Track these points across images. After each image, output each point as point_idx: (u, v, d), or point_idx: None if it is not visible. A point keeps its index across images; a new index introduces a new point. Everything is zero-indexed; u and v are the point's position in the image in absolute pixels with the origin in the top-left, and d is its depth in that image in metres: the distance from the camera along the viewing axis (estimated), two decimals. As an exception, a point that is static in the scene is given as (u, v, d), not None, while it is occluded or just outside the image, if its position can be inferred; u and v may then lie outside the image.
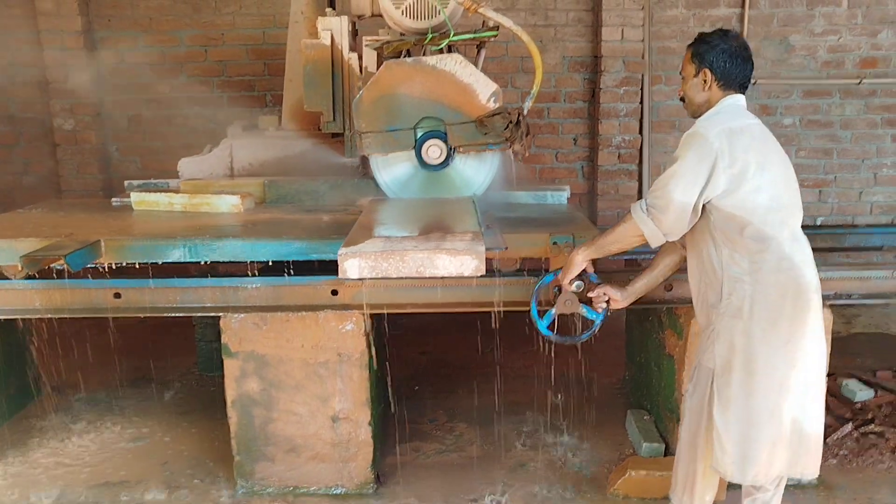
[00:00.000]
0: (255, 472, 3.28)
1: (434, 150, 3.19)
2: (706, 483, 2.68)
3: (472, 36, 3.29)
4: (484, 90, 3.14)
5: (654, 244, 2.58)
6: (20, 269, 2.96)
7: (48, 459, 3.57)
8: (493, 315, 3.30)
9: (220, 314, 3.15)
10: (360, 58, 3.54)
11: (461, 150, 3.21)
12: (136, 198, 3.71)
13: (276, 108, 5.16)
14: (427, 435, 3.81)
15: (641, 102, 5.79)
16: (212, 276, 3.20)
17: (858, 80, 5.88)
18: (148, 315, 3.21)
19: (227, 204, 3.59)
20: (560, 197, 3.89)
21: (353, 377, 3.18)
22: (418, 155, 3.20)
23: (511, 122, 3.13)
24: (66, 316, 3.18)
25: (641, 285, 2.85)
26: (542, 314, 2.92)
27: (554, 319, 2.89)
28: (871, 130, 6.02)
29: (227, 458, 3.34)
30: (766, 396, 2.44)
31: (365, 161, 3.53)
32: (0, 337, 3.75)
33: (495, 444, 3.70)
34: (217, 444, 3.65)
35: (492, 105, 3.15)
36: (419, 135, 3.20)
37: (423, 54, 3.34)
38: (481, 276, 3.08)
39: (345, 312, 3.13)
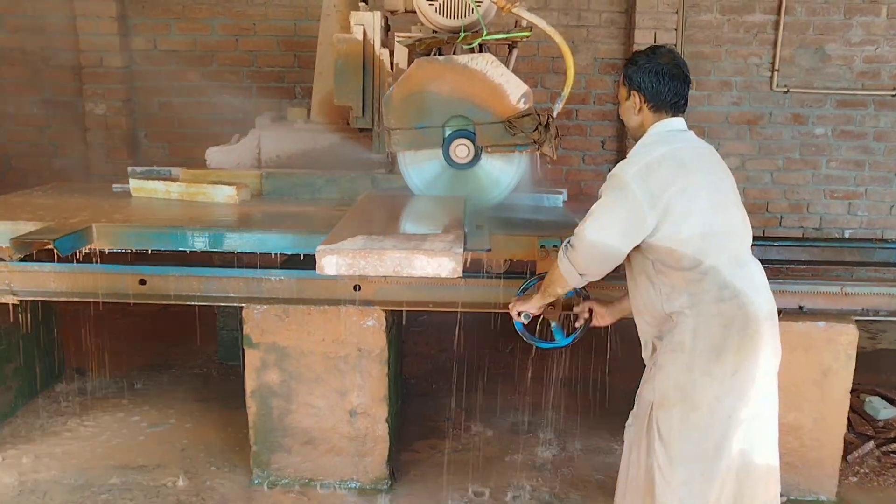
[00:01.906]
0: (272, 462, 3.30)
1: (462, 149, 3.18)
2: None
3: (504, 36, 3.27)
4: (514, 91, 3.12)
5: (571, 283, 2.50)
6: (10, 251, 3.00)
7: (69, 442, 3.61)
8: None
9: (243, 305, 3.17)
10: (392, 54, 3.53)
11: (489, 150, 3.19)
12: (134, 184, 3.76)
13: (306, 100, 5.19)
14: (443, 433, 3.81)
15: (671, 107, 5.74)
16: (236, 267, 3.22)
17: (894, 92, 5.79)
18: (172, 303, 3.23)
19: (223, 194, 3.63)
20: (556, 200, 3.87)
21: (373, 373, 3.19)
22: (446, 153, 3.19)
23: (540, 123, 3.11)
24: (91, 300, 3.22)
25: (628, 304, 2.70)
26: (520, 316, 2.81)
27: (532, 322, 2.80)
28: (905, 143, 5.93)
29: (245, 448, 3.37)
30: (711, 431, 2.33)
31: (393, 157, 3.52)
32: (26, 318, 3.80)
33: (511, 444, 3.69)
34: (235, 433, 3.68)
35: (522, 106, 3.13)
36: (448, 133, 3.19)
37: (455, 53, 3.32)
38: (506, 277, 3.13)
39: (366, 308, 3.14)
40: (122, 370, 4.36)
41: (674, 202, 2.29)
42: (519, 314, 2.74)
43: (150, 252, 3.13)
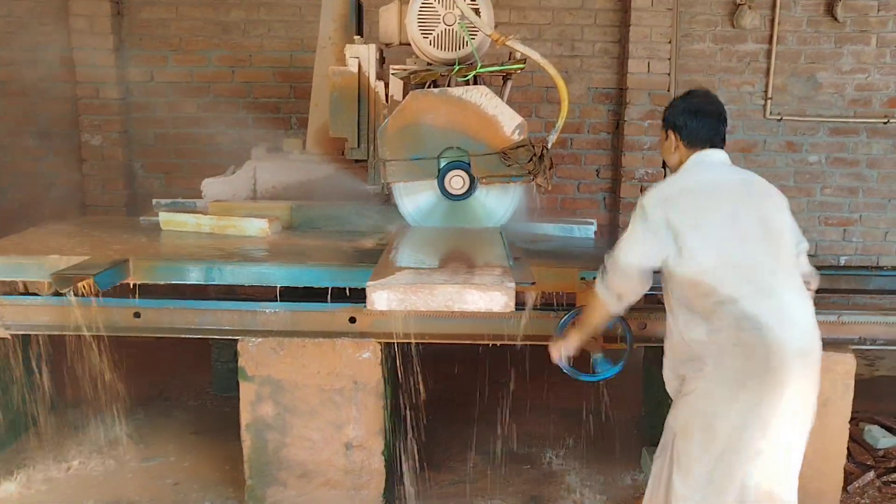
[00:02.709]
0: (267, 496, 3.26)
1: (457, 181, 3.19)
2: None
3: (499, 68, 3.30)
4: (509, 122, 3.14)
5: (612, 308, 2.57)
6: (48, 286, 3.00)
7: (60, 475, 3.57)
8: (510, 346, 3.29)
9: (238, 337, 3.15)
10: (387, 86, 3.56)
11: (484, 181, 3.20)
12: (164, 218, 3.73)
13: (301, 131, 5.20)
14: (440, 465, 3.78)
15: (665, 136, 5.77)
16: (230, 299, 3.21)
17: (886, 120, 5.83)
18: (166, 336, 3.22)
19: (255, 227, 3.61)
20: (587, 231, 3.87)
21: (369, 405, 3.17)
22: (441, 185, 3.20)
23: (535, 154, 3.13)
24: (85, 334, 3.20)
25: None
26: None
27: (572, 356, 2.84)
28: (896, 170, 5.97)
29: (240, 481, 3.33)
30: (731, 462, 2.34)
31: (388, 188, 3.53)
32: (18, 351, 3.77)
33: (510, 476, 3.66)
34: (229, 466, 3.64)
35: (516, 137, 3.15)
36: (442, 164, 3.20)
37: (449, 85, 3.35)
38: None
39: (362, 340, 3.12)
40: (116, 402, 4.31)
41: (689, 234, 2.37)
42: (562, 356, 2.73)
43: (149, 284, 3.12)
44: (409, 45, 3.49)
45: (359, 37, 3.76)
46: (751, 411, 2.31)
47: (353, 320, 3.13)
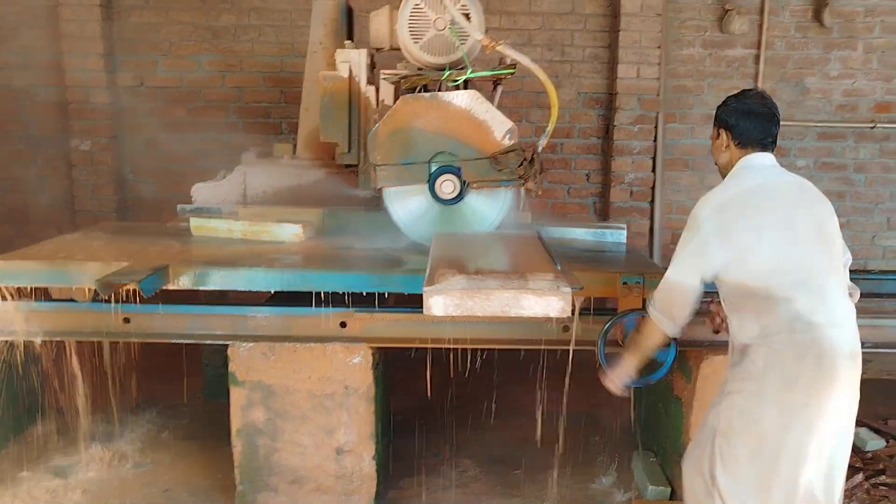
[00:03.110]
0: (258, 502, 3.26)
1: (448, 185, 3.19)
2: None
3: (489, 73, 3.31)
4: (499, 127, 3.15)
5: (669, 331, 2.58)
6: (87, 292, 3.05)
7: (48, 483, 3.55)
8: (497, 352, 3.30)
9: (229, 342, 3.15)
10: (377, 91, 3.57)
11: (475, 185, 3.21)
12: (195, 223, 3.69)
13: (292, 136, 5.20)
14: (431, 470, 3.77)
15: (655, 140, 5.80)
16: (221, 304, 3.20)
17: (873, 125, 5.88)
18: (156, 341, 3.21)
19: (289, 232, 3.58)
20: (619, 235, 3.86)
21: (359, 410, 3.17)
22: (432, 189, 3.20)
23: (525, 159, 3.14)
24: (75, 339, 3.19)
25: None
26: (608, 357, 2.89)
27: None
28: (885, 175, 6.01)
29: (230, 487, 3.32)
30: (778, 462, 2.35)
31: (379, 193, 3.53)
32: (6, 357, 3.75)
33: (500, 481, 3.66)
34: (220, 472, 3.63)
35: (506, 142, 3.15)
36: (433, 169, 3.21)
37: (440, 89, 3.36)
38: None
39: (353, 345, 3.12)
40: (106, 408, 4.30)
41: (743, 239, 2.39)
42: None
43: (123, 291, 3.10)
44: (400, 49, 3.49)
45: (349, 41, 3.76)
46: (798, 413, 2.32)
47: (343, 325, 3.13)
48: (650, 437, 3.82)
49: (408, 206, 3.30)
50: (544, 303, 2.34)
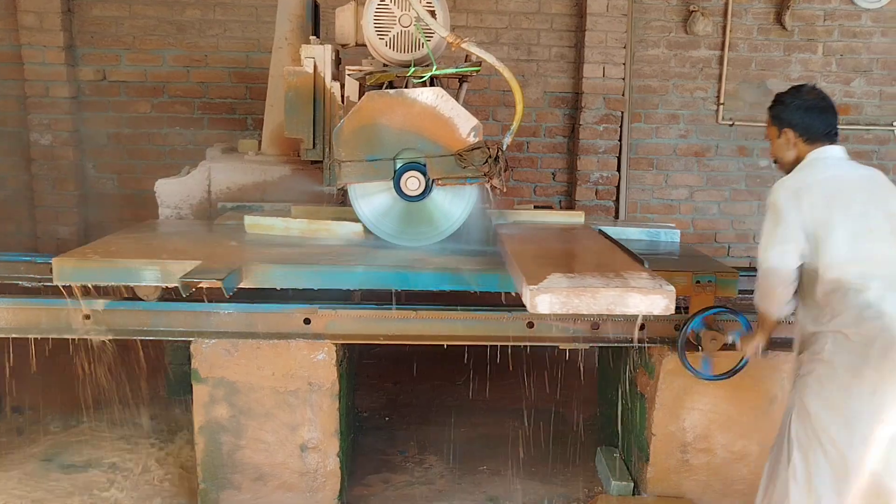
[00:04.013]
0: (221, 500, 3.23)
1: (413, 182, 3.19)
2: None
3: (454, 70, 3.31)
4: (464, 124, 3.16)
5: (774, 315, 2.69)
6: (153, 290, 3.06)
7: (3, 482, 3.48)
8: (464, 348, 3.31)
9: (192, 339, 3.11)
10: (343, 87, 3.55)
11: (440, 182, 3.21)
12: (249, 221, 3.57)
13: (257, 132, 5.16)
14: (397, 466, 3.77)
15: (620, 140, 5.86)
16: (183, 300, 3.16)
17: (832, 126, 5.99)
18: (118, 338, 3.16)
19: (348, 231, 3.48)
20: (673, 235, 3.89)
21: (324, 407, 3.16)
22: (397, 186, 3.20)
23: (490, 156, 3.14)
24: (33, 336, 3.14)
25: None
26: (689, 356, 3.04)
27: (710, 360, 3.04)
28: (844, 175, 6.11)
29: (193, 485, 3.29)
30: (849, 446, 2.42)
31: (344, 190, 3.52)
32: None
33: (465, 477, 3.67)
34: (182, 470, 3.59)
35: (472, 139, 3.16)
36: (398, 166, 3.20)
37: (406, 86, 3.35)
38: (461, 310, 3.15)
39: (317, 342, 3.11)
40: (64, 407, 4.24)
41: (817, 228, 2.48)
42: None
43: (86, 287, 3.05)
44: (366, 46, 3.48)
45: (315, 37, 3.75)
46: (865, 399, 2.39)
47: (307, 321, 3.11)
48: (614, 432, 3.85)
49: (373, 202, 3.29)
50: (649, 301, 2.39)
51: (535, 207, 4.19)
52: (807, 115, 2.62)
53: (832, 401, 2.44)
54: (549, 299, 2.36)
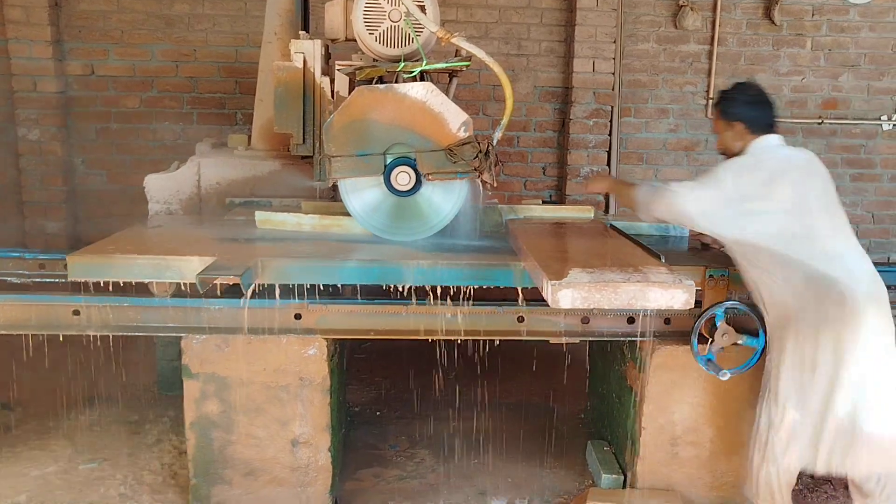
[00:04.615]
0: (212, 495, 3.23)
1: (403, 177, 3.19)
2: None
3: (444, 65, 3.31)
4: (454, 119, 3.16)
5: (640, 211, 3.10)
6: (168, 287, 3.05)
7: (-3, 479, 3.48)
8: (457, 342, 3.32)
9: (182, 335, 3.11)
10: (332, 82, 3.54)
11: (430, 177, 3.21)
12: (260, 217, 3.54)
13: (246, 127, 5.16)
14: (388, 461, 3.78)
15: (610, 134, 5.88)
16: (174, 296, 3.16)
17: (820, 121, 6.03)
18: (108, 334, 3.15)
19: (361, 226, 3.44)
20: (682, 230, 3.89)
21: (315, 402, 3.16)
22: (387, 181, 3.20)
23: (480, 151, 3.14)
24: (23, 333, 3.12)
25: None
26: (701, 350, 3.11)
27: (715, 354, 3.11)
28: (832, 169, 5.99)
29: (184, 481, 3.29)
30: (820, 392, 2.69)
31: (335, 185, 3.52)
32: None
33: (456, 471, 3.68)
34: (174, 466, 3.59)
35: (462, 134, 3.16)
36: (388, 161, 3.20)
37: (396, 81, 3.35)
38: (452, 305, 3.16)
39: (308, 337, 3.11)
40: (55, 403, 4.22)
41: (756, 205, 2.77)
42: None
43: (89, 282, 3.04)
44: (355, 41, 3.47)
45: (304, 32, 3.73)
46: (832, 345, 2.66)
47: (298, 317, 3.11)
48: (604, 426, 3.87)
49: (363, 197, 3.29)
50: (669, 295, 2.43)
51: (544, 203, 4.20)
52: (753, 109, 2.93)
53: (804, 350, 2.71)
54: (570, 294, 2.39)
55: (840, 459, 2.73)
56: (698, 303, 3.14)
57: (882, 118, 6.08)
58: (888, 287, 3.60)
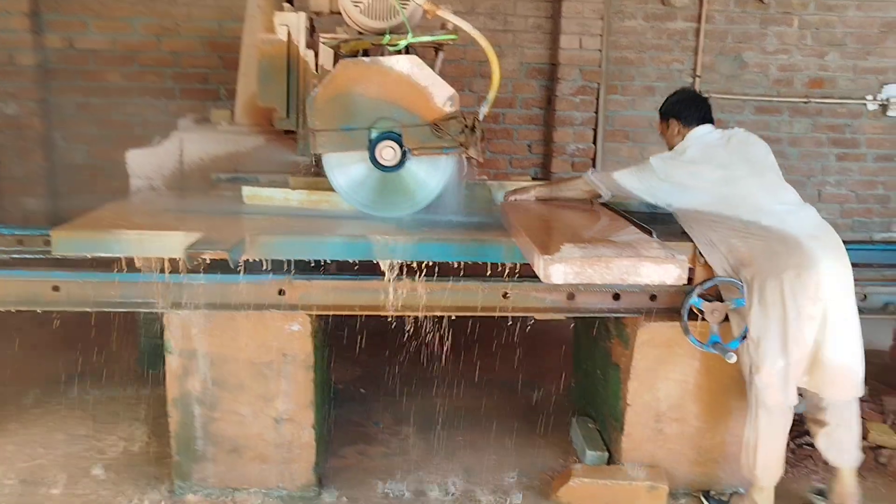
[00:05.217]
0: (194, 472, 3.21)
1: (388, 152, 3.15)
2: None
3: (430, 39, 3.26)
4: (440, 93, 3.12)
5: (601, 192, 3.39)
6: (155, 263, 2.96)
7: (-23, 456, 3.44)
8: (441, 319, 3.31)
9: (164, 311, 3.07)
10: (317, 55, 3.49)
11: (416, 152, 3.18)
12: (248, 192, 3.50)
13: (230, 102, 5.08)
14: (372, 438, 3.78)
15: (597, 112, 5.85)
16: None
17: (806, 100, 6.03)
18: (88, 310, 3.11)
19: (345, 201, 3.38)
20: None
21: (298, 378, 3.14)
22: (372, 156, 3.16)
23: (466, 126, 3.11)
24: (1, 309, 3.08)
25: None
26: (693, 329, 3.14)
27: (720, 336, 3.15)
28: (817, 149, 6.18)
29: (167, 458, 3.27)
30: (789, 326, 2.89)
31: (318, 159, 3.48)
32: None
33: (440, 448, 3.68)
34: (156, 443, 3.57)
35: (448, 109, 3.12)
36: (374, 135, 3.16)
37: (381, 55, 3.30)
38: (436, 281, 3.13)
39: (291, 312, 3.09)
40: (34, 382, 4.18)
41: (686, 177, 3.13)
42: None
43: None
44: (340, 13, 3.42)
45: (288, 4, 3.67)
46: (795, 281, 2.87)
47: (282, 292, 3.08)
48: (589, 402, 3.88)
49: (348, 172, 3.25)
50: (662, 270, 2.43)
51: (533, 179, 4.18)
52: (682, 105, 3.33)
53: (768, 288, 2.91)
54: (562, 269, 2.38)
55: (818, 387, 2.99)
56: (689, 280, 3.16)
57: (867, 98, 6.08)
58: (870, 265, 3.69)
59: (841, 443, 3.09)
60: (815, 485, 3.39)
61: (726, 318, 3.14)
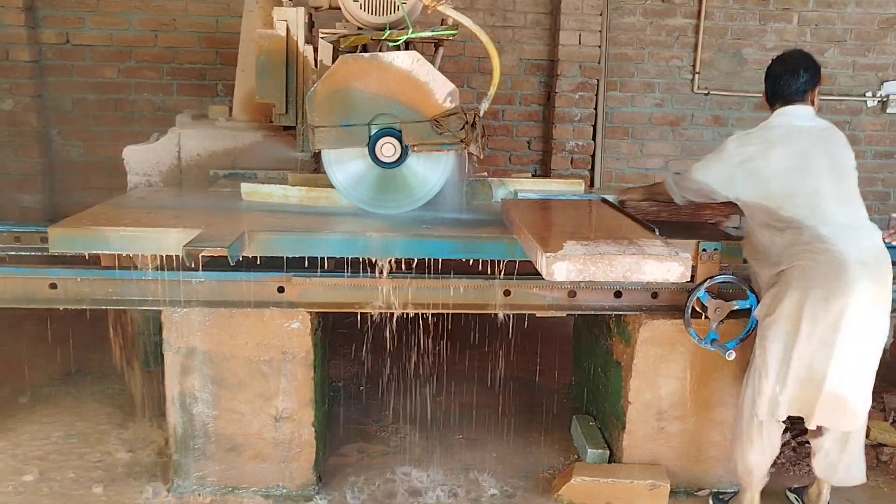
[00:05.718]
0: (194, 470, 3.19)
1: (388, 148, 3.13)
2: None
3: (430, 34, 3.24)
4: (440, 89, 3.09)
5: (675, 199, 3.26)
6: (153, 260, 2.93)
7: (-26, 454, 3.42)
8: (442, 317, 3.29)
9: (163, 308, 3.05)
10: (316, 50, 3.46)
11: (416, 148, 3.16)
12: (246, 189, 3.48)
13: (228, 98, 5.05)
14: (372, 436, 3.76)
15: (596, 108, 5.83)
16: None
17: (806, 96, 6.00)
18: (85, 308, 3.09)
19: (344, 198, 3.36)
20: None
21: (298, 376, 3.12)
22: (372, 152, 3.14)
23: (467, 122, 3.09)
24: (-2, 307, 3.06)
25: None
26: (696, 326, 3.11)
27: (718, 333, 3.12)
28: (817, 145, 6.15)
29: (166, 457, 3.25)
30: (805, 349, 2.77)
31: (318, 156, 3.46)
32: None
33: (441, 446, 3.67)
34: (155, 441, 3.55)
35: (448, 105, 3.10)
36: (373, 131, 3.14)
37: (380, 50, 3.28)
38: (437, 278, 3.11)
39: (291, 310, 3.06)
40: (33, 379, 4.16)
41: (759, 164, 2.89)
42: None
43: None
44: (340, 8, 3.39)
45: (287, 0, 3.64)
46: (819, 303, 2.73)
47: (281, 290, 3.06)
48: (589, 400, 3.87)
49: (347, 169, 3.22)
50: (665, 268, 2.41)
51: (533, 177, 4.17)
52: (770, 82, 3.02)
53: (794, 306, 2.78)
54: (565, 267, 2.37)
55: (798, 406, 2.87)
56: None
57: (867, 94, 6.07)
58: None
59: (834, 465, 3.02)
60: (795, 485, 3.36)
61: (728, 317, 3.12)
